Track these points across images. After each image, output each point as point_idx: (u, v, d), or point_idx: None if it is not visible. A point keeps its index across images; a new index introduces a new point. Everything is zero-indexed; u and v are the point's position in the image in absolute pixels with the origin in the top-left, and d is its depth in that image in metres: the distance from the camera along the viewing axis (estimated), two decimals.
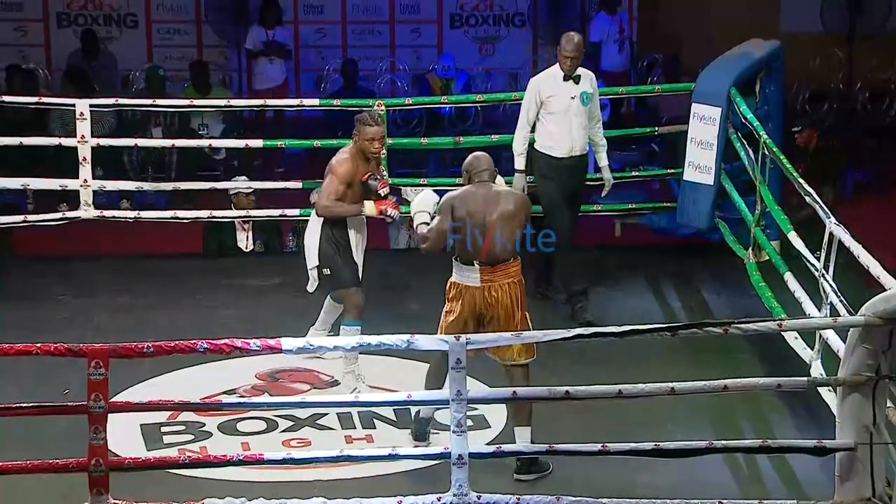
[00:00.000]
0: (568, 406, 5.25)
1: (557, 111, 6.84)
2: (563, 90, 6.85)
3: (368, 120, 5.96)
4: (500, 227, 5.30)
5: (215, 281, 7.64)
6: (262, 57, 11.51)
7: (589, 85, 6.91)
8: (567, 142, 6.86)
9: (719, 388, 4.86)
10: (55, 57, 12.11)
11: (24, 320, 7.00)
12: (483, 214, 5.32)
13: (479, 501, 4.75)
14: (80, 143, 7.55)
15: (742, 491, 5.23)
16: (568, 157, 6.88)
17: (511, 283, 5.33)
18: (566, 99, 6.84)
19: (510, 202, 5.36)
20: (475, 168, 5.45)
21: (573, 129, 6.85)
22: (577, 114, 6.85)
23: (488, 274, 5.31)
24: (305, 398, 5.27)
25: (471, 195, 5.38)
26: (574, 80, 6.84)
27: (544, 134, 6.90)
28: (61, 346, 4.61)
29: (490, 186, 5.41)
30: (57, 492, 4.77)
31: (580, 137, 6.88)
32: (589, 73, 6.98)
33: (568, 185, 6.92)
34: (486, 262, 5.31)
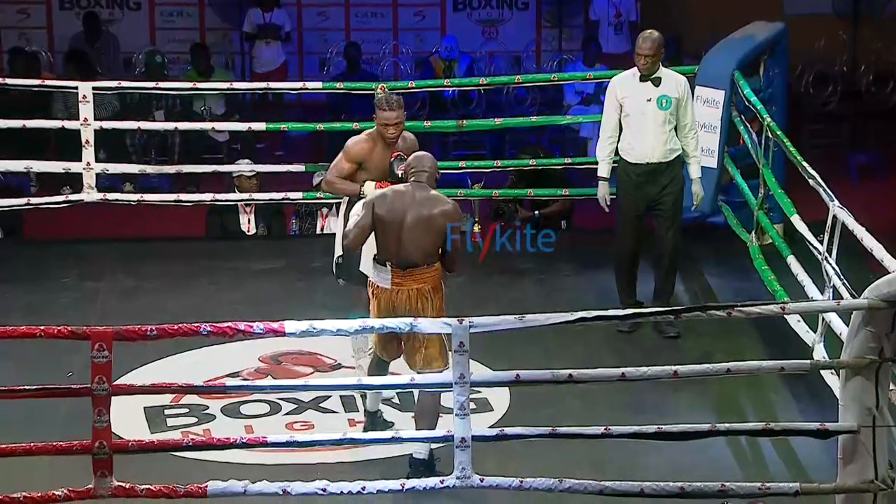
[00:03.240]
0: (572, 389, 5.26)
1: (632, 113, 6.38)
2: (638, 91, 6.37)
3: (383, 104, 5.82)
4: (414, 232, 5.15)
5: (218, 264, 7.64)
6: (258, 40, 11.49)
7: (674, 89, 6.38)
8: (641, 147, 6.38)
9: (722, 371, 4.86)
10: (58, 39, 12.10)
11: (28, 303, 7.02)
12: (400, 216, 5.17)
13: (482, 484, 4.76)
14: (83, 126, 7.55)
15: (745, 474, 5.24)
16: (643, 163, 6.39)
17: (421, 290, 5.19)
18: (641, 101, 6.36)
19: (431, 208, 5.16)
20: (413, 167, 5.29)
21: (648, 135, 6.36)
22: (654, 118, 6.35)
23: (399, 277, 5.19)
24: (308, 381, 5.26)
25: (394, 195, 5.24)
26: (653, 81, 6.35)
27: (623, 137, 6.45)
28: (65, 329, 4.61)
29: (419, 188, 5.22)
30: (61, 474, 4.78)
31: (658, 144, 6.37)
32: (677, 76, 6.48)
33: (643, 194, 6.43)
34: (398, 264, 5.19)
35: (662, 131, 6.36)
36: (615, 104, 6.42)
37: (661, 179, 6.39)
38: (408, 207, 5.18)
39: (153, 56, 11.25)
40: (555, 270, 7.63)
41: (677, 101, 6.37)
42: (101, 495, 4.63)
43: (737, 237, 7.28)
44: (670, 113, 6.36)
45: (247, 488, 4.72)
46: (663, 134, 6.36)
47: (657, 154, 6.37)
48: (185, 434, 5.57)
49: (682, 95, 6.40)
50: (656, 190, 6.41)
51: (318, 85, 8.51)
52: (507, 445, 4.94)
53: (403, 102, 5.86)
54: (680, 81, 6.44)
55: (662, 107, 6.34)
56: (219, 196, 7.93)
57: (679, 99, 6.38)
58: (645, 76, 6.35)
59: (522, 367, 4.95)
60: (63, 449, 4.66)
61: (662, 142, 6.37)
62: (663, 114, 6.35)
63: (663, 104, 6.34)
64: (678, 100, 6.38)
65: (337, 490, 4.81)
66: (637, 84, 6.37)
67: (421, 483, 4.78)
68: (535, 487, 4.76)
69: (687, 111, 6.42)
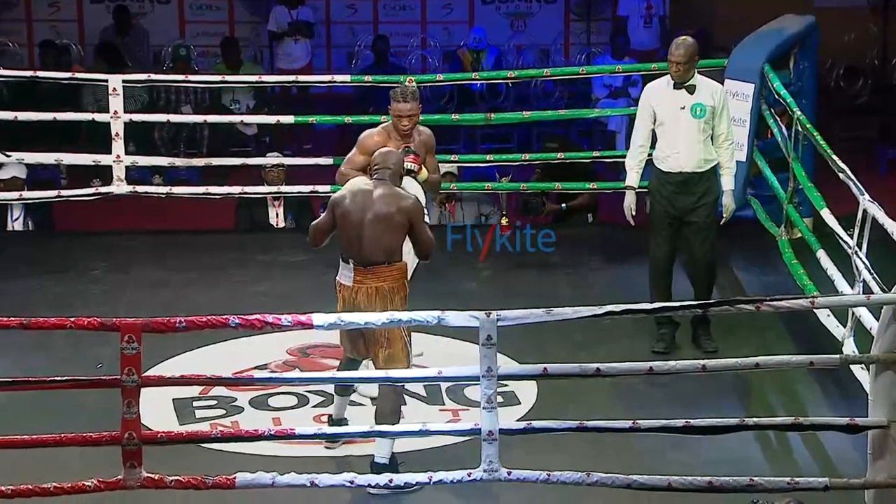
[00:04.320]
0: (599, 383, 5.25)
1: (665, 121, 6.19)
2: (672, 99, 6.17)
3: (398, 96, 5.82)
4: (374, 229, 5.12)
5: (246, 256, 7.66)
6: (286, 37, 11.50)
7: (709, 97, 6.16)
8: (674, 157, 6.19)
9: (751, 366, 4.85)
10: (88, 32, 12.15)
11: (57, 295, 7.07)
12: (361, 213, 5.14)
13: (510, 477, 4.75)
14: (113, 119, 7.58)
15: (774, 469, 5.22)
16: (676, 172, 6.19)
17: (380, 288, 5.15)
18: (674, 109, 6.16)
19: (392, 205, 5.13)
20: (377, 164, 5.26)
21: (680, 143, 6.16)
22: (687, 127, 6.15)
23: (360, 275, 5.16)
24: (336, 374, 5.27)
25: (355, 192, 5.21)
26: (687, 89, 6.14)
27: (657, 146, 6.27)
28: (95, 321, 4.64)
29: (381, 185, 5.19)
30: (91, 464, 4.81)
31: (691, 153, 6.17)
32: (713, 84, 6.28)
33: (675, 204, 6.22)
34: (359, 262, 5.16)
35: (696, 140, 6.17)
36: (648, 112, 6.23)
37: (695, 190, 6.20)
38: (369, 205, 5.15)
39: (177, 49, 11.28)
40: (583, 264, 7.62)
41: (712, 109, 6.17)
42: (131, 486, 4.66)
43: (766, 231, 7.24)
44: (705, 122, 6.16)
45: (275, 480, 4.74)
46: (697, 143, 6.17)
47: (691, 164, 6.19)
48: (214, 426, 5.60)
49: (717, 104, 6.19)
50: (690, 200, 6.22)
51: (346, 78, 8.50)
52: (534, 439, 4.94)
53: (419, 95, 5.86)
54: (716, 89, 6.25)
55: (696, 115, 6.15)
56: (247, 189, 7.95)
57: (714, 107, 6.18)
58: (679, 84, 6.17)
59: (550, 360, 4.94)
60: (93, 440, 4.69)
61: (696, 151, 6.18)
62: (697, 122, 6.16)
63: (697, 112, 6.15)
64: (713, 108, 6.17)
65: (364, 482, 4.83)
66: (671, 92, 6.19)
67: (448, 476, 4.78)
68: (563, 481, 4.76)
69: (722, 120, 6.21)
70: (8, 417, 5.31)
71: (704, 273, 6.32)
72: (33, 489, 4.65)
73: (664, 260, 6.31)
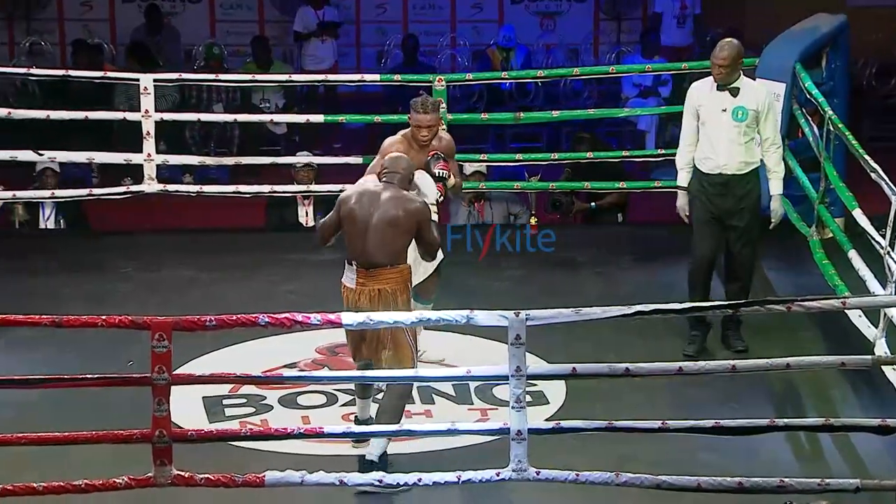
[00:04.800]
0: (628, 383, 5.24)
1: (707, 123, 6.10)
2: (714, 101, 6.09)
3: (419, 106, 5.79)
4: (379, 231, 5.10)
5: (276, 255, 7.69)
6: (313, 38, 11.52)
7: (752, 100, 6.07)
8: (714, 158, 6.10)
9: (782, 367, 4.82)
10: (120, 31, 12.22)
11: (89, 293, 7.11)
12: (366, 215, 5.13)
13: (538, 477, 4.75)
14: (144, 118, 7.62)
15: (804, 470, 5.19)
16: (715, 174, 6.11)
17: (383, 291, 5.11)
18: (716, 110, 6.08)
19: (398, 208, 5.11)
20: (386, 167, 5.26)
21: (721, 145, 6.07)
22: (728, 129, 6.06)
23: (363, 277, 5.14)
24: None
25: (362, 193, 5.21)
26: (731, 91, 6.05)
27: (699, 146, 6.18)
28: (125, 319, 4.67)
29: (389, 189, 5.18)
30: (122, 462, 4.83)
31: (731, 156, 6.07)
32: (758, 88, 6.21)
33: (715, 206, 6.13)
34: (362, 264, 5.15)
35: (737, 143, 6.07)
36: (693, 111, 6.16)
37: (735, 192, 6.11)
38: (375, 207, 5.14)
39: (210, 48, 11.33)
40: (612, 263, 7.61)
41: (755, 113, 6.07)
42: (161, 484, 4.69)
43: (797, 231, 7.20)
44: (747, 125, 6.06)
45: (304, 478, 4.75)
46: (738, 146, 6.07)
47: (731, 166, 6.09)
48: (244, 424, 5.61)
49: (761, 108, 6.08)
50: (730, 203, 6.12)
51: (375, 77, 8.52)
52: (562, 439, 4.93)
53: (439, 106, 5.83)
54: (760, 93, 6.15)
55: (738, 118, 6.06)
56: (277, 188, 7.98)
57: (758, 111, 6.07)
58: (722, 85, 6.07)
59: (579, 360, 4.94)
60: (123, 437, 4.71)
61: (737, 154, 6.08)
62: (738, 125, 6.06)
63: (738, 115, 6.06)
64: (756, 112, 6.07)
65: (393, 481, 4.83)
66: (714, 93, 6.10)
67: (477, 475, 4.78)
68: (591, 481, 4.75)
69: (767, 124, 6.10)
70: (40, 415, 5.35)
71: (741, 276, 6.24)
72: (65, 486, 4.68)
73: (705, 260, 6.22)
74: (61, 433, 4.73)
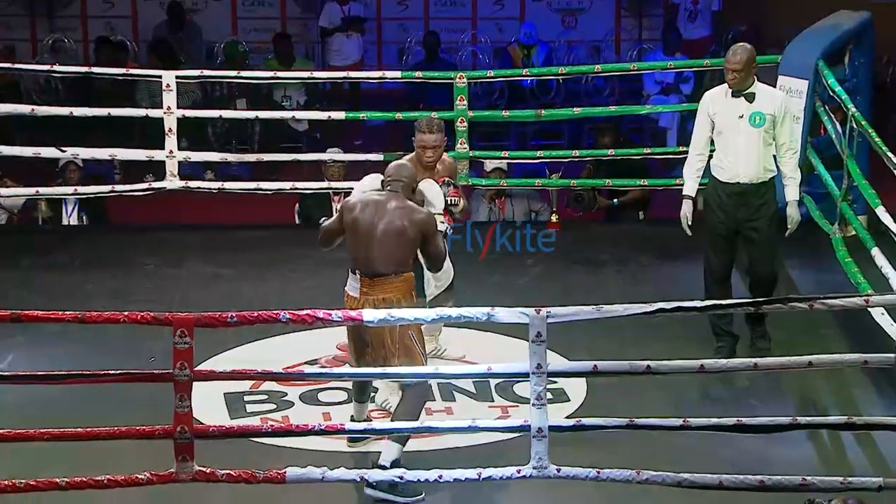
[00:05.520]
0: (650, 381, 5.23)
1: (723, 130, 6.00)
2: (729, 107, 5.98)
3: (423, 127, 5.77)
4: (384, 241, 5.05)
5: (298, 252, 7.70)
6: (338, 33, 11.54)
7: (769, 105, 5.96)
8: (732, 166, 6.00)
9: (804, 364, 4.81)
10: (142, 28, 12.26)
11: (111, 289, 7.14)
12: (370, 224, 5.08)
13: (559, 474, 4.75)
14: (166, 115, 7.65)
15: (826, 468, 5.17)
16: (732, 183, 6.00)
17: (387, 300, 5.05)
18: (732, 117, 5.97)
19: (403, 217, 5.06)
20: (390, 175, 5.22)
21: (739, 153, 5.97)
22: (746, 135, 5.95)
23: (367, 286, 5.10)
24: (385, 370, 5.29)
25: (366, 202, 5.16)
26: (746, 97, 5.94)
27: (715, 154, 6.09)
28: (148, 315, 4.68)
29: (394, 198, 5.13)
30: (144, 457, 4.85)
31: (750, 163, 5.97)
32: (774, 92, 6.13)
33: (732, 215, 6.04)
34: (366, 273, 5.11)
35: (755, 150, 5.97)
36: (706, 120, 6.05)
37: (753, 201, 6.01)
38: (380, 217, 5.10)
39: (234, 45, 11.36)
40: (633, 261, 7.59)
41: (772, 118, 5.96)
42: (183, 479, 4.70)
43: (819, 229, 7.18)
44: (765, 130, 5.96)
45: (325, 475, 4.76)
46: (756, 152, 5.97)
47: (749, 174, 5.99)
48: (265, 420, 5.63)
49: (778, 112, 5.98)
50: (748, 212, 6.03)
51: (396, 74, 8.54)
52: (583, 436, 4.93)
53: (444, 127, 5.81)
54: (776, 97, 6.07)
55: (755, 124, 5.94)
56: (298, 184, 7.99)
57: (775, 116, 5.97)
58: (737, 91, 5.97)
59: (600, 357, 4.93)
60: (145, 433, 4.73)
61: (755, 161, 5.98)
62: (756, 131, 5.95)
63: (756, 121, 5.95)
64: (773, 117, 5.96)
65: (414, 478, 4.84)
66: (729, 100, 5.99)
67: (498, 472, 4.78)
68: (612, 478, 4.75)
69: (784, 129, 6.00)
70: (62, 410, 5.37)
71: (766, 290, 6.12)
72: (87, 481, 4.70)
73: (720, 271, 6.13)
74: (84, 429, 4.75)
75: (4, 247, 7.81)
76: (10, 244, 7.89)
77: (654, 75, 10.69)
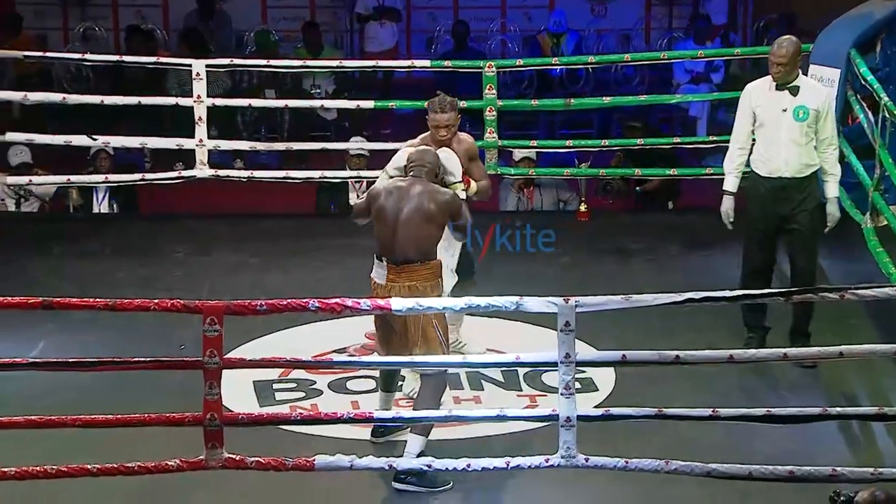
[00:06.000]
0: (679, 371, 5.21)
1: (765, 123, 5.92)
2: (772, 101, 5.90)
3: (436, 107, 5.80)
4: (409, 226, 5.07)
5: (326, 240, 7.72)
6: (372, 20, 11.56)
7: (813, 99, 5.89)
8: (774, 160, 5.91)
9: (835, 355, 4.78)
10: (172, 17, 12.30)
11: (141, 277, 7.18)
12: (396, 210, 5.10)
13: (587, 463, 4.75)
14: (196, 103, 7.67)
15: (856, 459, 5.15)
16: (774, 177, 5.92)
17: (412, 287, 5.06)
18: (775, 111, 5.88)
19: (429, 202, 5.09)
20: (412, 161, 5.25)
21: (781, 147, 5.88)
22: (789, 130, 5.87)
23: (394, 273, 5.10)
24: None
25: (391, 189, 5.18)
26: (790, 90, 5.86)
27: (756, 148, 6.00)
28: (178, 303, 4.70)
29: (418, 183, 5.16)
30: (174, 444, 4.88)
31: (792, 157, 5.89)
32: (818, 86, 6.09)
33: (774, 211, 5.95)
34: (392, 260, 5.11)
35: (798, 144, 5.89)
36: (748, 113, 5.97)
37: (794, 196, 5.93)
38: (405, 202, 5.11)
39: (266, 34, 11.38)
40: (663, 251, 7.57)
41: (816, 112, 5.88)
42: (212, 466, 4.73)
43: (850, 219, 7.13)
44: (808, 125, 5.88)
45: (353, 463, 4.78)
46: (798, 147, 5.89)
47: (791, 168, 5.91)
48: (294, 408, 5.65)
49: (822, 107, 5.90)
50: (789, 207, 5.94)
51: (426, 63, 8.53)
52: (611, 426, 4.92)
53: (457, 105, 5.82)
54: (821, 92, 6.00)
55: (799, 118, 5.87)
56: (327, 173, 8.00)
57: (819, 110, 5.89)
58: (781, 85, 5.89)
59: (628, 347, 4.92)
60: (175, 420, 4.76)
61: (797, 155, 5.90)
62: (799, 125, 5.88)
63: (800, 115, 5.87)
64: (817, 111, 5.88)
65: (442, 467, 4.85)
66: (772, 93, 5.91)
67: (526, 462, 4.78)
68: (641, 468, 4.74)
69: (827, 124, 5.92)
70: (93, 397, 5.41)
71: (804, 286, 5.94)
72: (118, 468, 4.73)
73: (760, 269, 6.03)
74: (114, 416, 4.78)
75: (36, 234, 7.86)
76: (41, 232, 7.94)
77: (684, 64, 10.64)
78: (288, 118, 10.60)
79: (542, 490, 5.02)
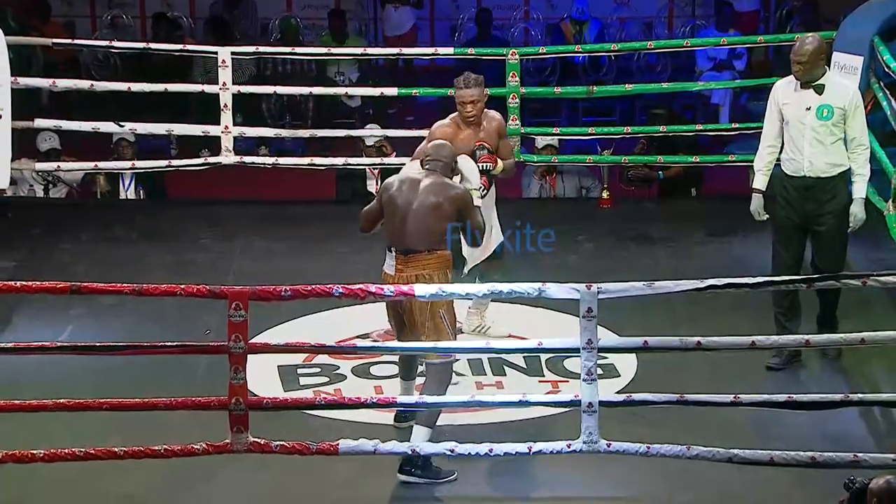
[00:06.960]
0: (700, 357, 5.24)
1: (791, 122, 5.82)
2: (796, 99, 5.80)
3: (461, 83, 5.85)
4: (418, 217, 5.09)
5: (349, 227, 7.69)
6: (388, 4, 11.62)
7: (839, 98, 5.77)
8: (798, 159, 5.81)
9: (856, 341, 4.80)
10: (198, 5, 12.35)
11: (167, 262, 7.24)
12: (406, 201, 5.13)
13: (609, 449, 4.78)
14: (222, 90, 7.72)
15: (878, 445, 5.16)
16: (798, 176, 5.82)
17: (420, 277, 5.07)
18: (800, 109, 5.79)
19: (439, 195, 5.11)
20: (429, 155, 5.27)
21: (805, 146, 5.79)
22: (812, 128, 5.77)
23: (402, 263, 5.13)
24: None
25: (403, 180, 5.21)
26: (815, 89, 5.76)
27: (784, 147, 5.90)
28: (203, 288, 4.75)
29: (431, 176, 5.18)
30: (199, 428, 4.93)
31: (816, 157, 5.79)
32: (846, 85, 5.96)
33: (800, 210, 5.85)
34: (401, 250, 5.15)
35: (822, 143, 5.79)
36: (776, 110, 5.87)
37: (820, 196, 5.82)
38: (416, 194, 5.14)
39: (288, 21, 11.41)
40: (685, 237, 7.58)
41: (842, 112, 5.77)
42: (237, 450, 4.78)
43: (872, 206, 7.11)
44: (833, 124, 5.77)
45: (377, 447, 4.82)
46: (822, 146, 5.78)
47: (815, 168, 5.80)
48: (318, 393, 5.70)
49: (849, 106, 5.78)
50: (815, 207, 5.84)
51: (449, 51, 8.56)
52: (633, 411, 4.95)
53: (483, 81, 5.84)
54: (848, 91, 5.87)
55: (823, 117, 5.76)
56: (351, 160, 8.04)
57: (845, 110, 5.78)
58: (805, 83, 5.79)
59: (650, 333, 4.94)
60: (201, 404, 4.81)
61: (821, 154, 5.79)
62: (824, 124, 5.77)
63: (824, 114, 5.76)
64: (843, 110, 5.77)
65: (465, 451, 4.88)
66: (798, 91, 5.81)
67: (548, 447, 4.82)
68: (663, 454, 4.77)
69: (855, 123, 5.79)
70: (120, 381, 5.45)
71: (829, 296, 5.94)
72: (144, 451, 4.79)
73: (788, 269, 5.90)
74: (142, 399, 4.84)
75: (64, 220, 7.93)
76: (69, 218, 8.01)
77: (707, 52, 10.62)
78: (312, 105, 10.64)
79: (564, 475, 5.05)
